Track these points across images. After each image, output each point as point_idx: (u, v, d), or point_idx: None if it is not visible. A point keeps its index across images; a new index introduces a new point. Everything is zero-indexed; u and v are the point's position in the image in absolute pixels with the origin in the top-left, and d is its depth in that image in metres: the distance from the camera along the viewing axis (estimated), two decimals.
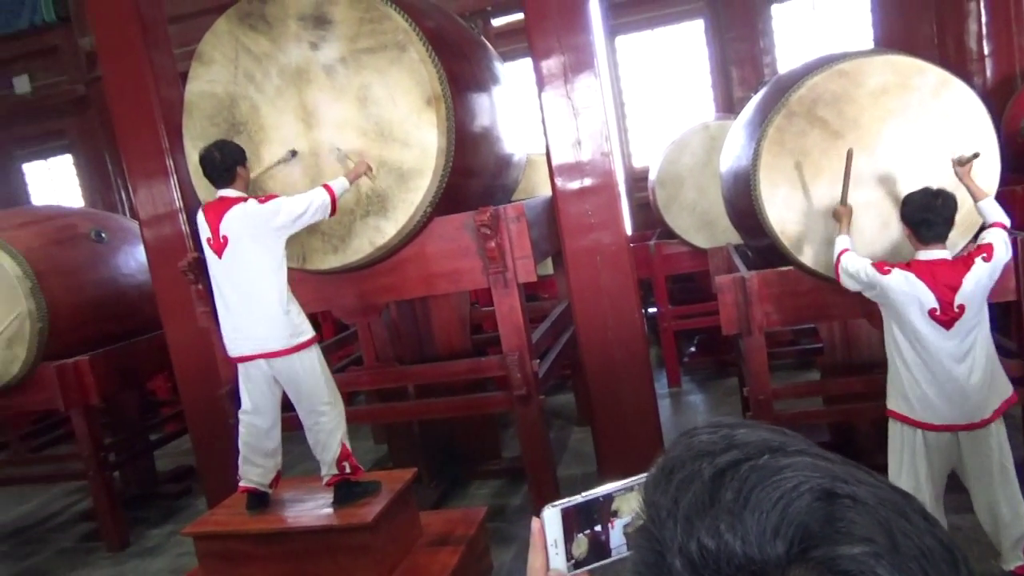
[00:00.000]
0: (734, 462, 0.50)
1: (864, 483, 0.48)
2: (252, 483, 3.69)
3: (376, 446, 6.27)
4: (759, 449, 0.52)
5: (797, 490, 0.47)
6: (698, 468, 0.51)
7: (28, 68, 10.17)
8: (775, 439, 0.53)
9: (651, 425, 4.48)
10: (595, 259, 4.32)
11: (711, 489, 0.49)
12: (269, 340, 3.44)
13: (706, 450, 0.53)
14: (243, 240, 3.40)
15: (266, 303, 3.42)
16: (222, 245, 3.43)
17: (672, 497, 0.51)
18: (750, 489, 0.48)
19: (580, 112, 4.25)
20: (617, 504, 0.71)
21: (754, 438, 0.53)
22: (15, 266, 4.98)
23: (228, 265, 3.45)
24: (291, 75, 3.98)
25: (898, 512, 0.47)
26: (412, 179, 3.89)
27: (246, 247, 3.41)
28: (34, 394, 5.21)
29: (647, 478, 0.56)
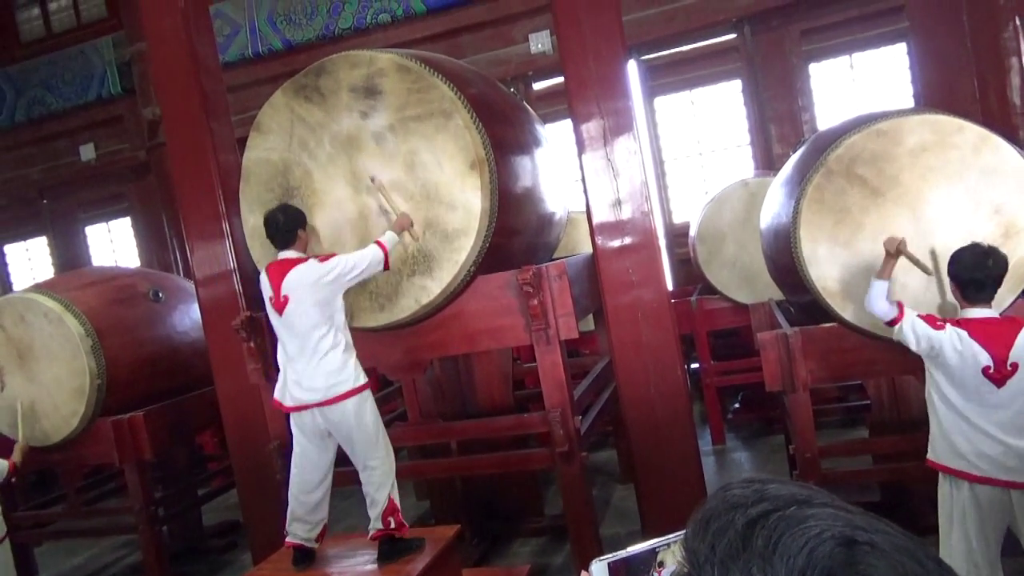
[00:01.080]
0: (764, 512, 0.56)
1: (881, 531, 0.54)
2: (299, 539, 3.74)
3: (418, 503, 6.28)
4: (787, 501, 0.57)
5: (820, 537, 0.53)
6: (732, 518, 0.57)
7: (93, 137, 10.77)
8: (802, 493, 0.59)
9: (695, 484, 4.43)
10: (636, 315, 4.36)
11: (744, 536, 0.55)
12: (324, 390, 3.55)
13: (739, 502, 0.59)
14: (303, 298, 3.56)
15: (324, 356, 3.56)
16: (283, 304, 3.60)
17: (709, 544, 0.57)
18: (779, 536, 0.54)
19: (620, 173, 4.36)
20: (663, 556, 0.76)
21: (783, 492, 0.59)
22: (78, 325, 5.21)
23: (288, 322, 3.60)
24: (342, 142, 4.18)
25: (913, 558, 0.52)
26: (457, 239, 4.02)
27: (306, 304, 3.56)
28: (90, 448, 5.37)
29: (688, 528, 0.62)
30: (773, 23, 8.43)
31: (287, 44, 9.40)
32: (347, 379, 3.60)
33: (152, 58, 5.63)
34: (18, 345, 5.24)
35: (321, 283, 3.58)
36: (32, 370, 5.24)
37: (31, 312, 5.21)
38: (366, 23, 9.04)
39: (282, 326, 3.64)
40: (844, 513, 0.56)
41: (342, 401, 3.58)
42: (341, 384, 3.58)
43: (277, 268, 3.68)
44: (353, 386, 3.61)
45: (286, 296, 3.59)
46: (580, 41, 4.37)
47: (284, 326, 3.63)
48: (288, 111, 4.27)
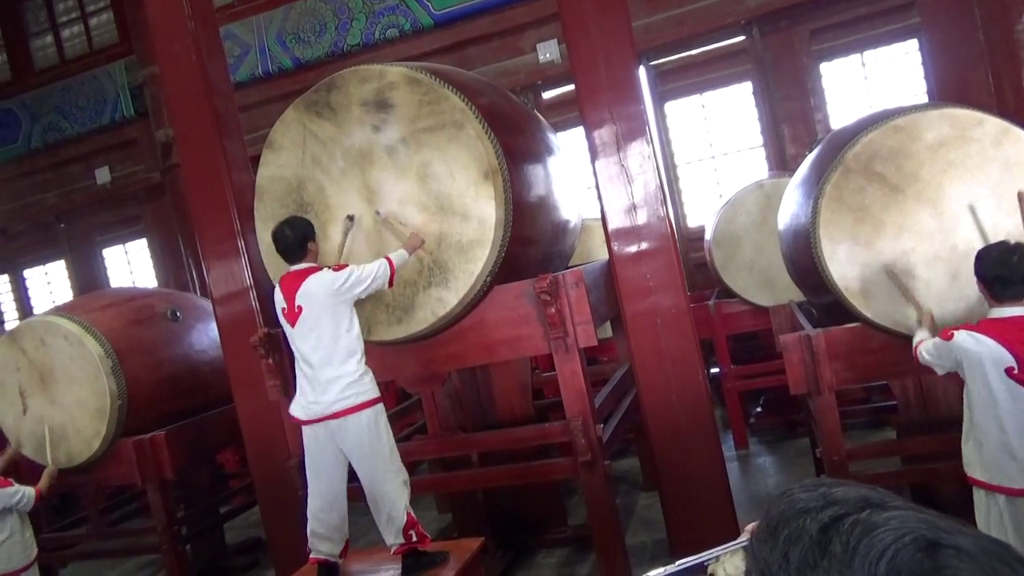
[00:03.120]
0: (837, 517, 0.54)
1: (965, 533, 0.51)
2: (322, 555, 3.72)
3: (440, 515, 6.25)
4: (859, 504, 0.55)
5: (902, 541, 0.51)
6: (803, 524, 0.55)
7: (108, 160, 10.89)
8: (872, 495, 0.57)
9: (720, 489, 4.38)
10: (655, 322, 4.32)
11: (819, 543, 0.53)
12: (336, 402, 3.54)
13: (807, 507, 0.56)
14: (316, 308, 3.57)
15: (338, 366, 3.55)
16: (296, 315, 3.60)
17: (781, 552, 0.55)
18: (856, 541, 0.52)
19: (634, 178, 4.33)
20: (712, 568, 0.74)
21: (852, 495, 0.57)
22: (98, 347, 5.23)
23: (301, 333, 3.61)
24: (355, 157, 4.18)
25: (1002, 561, 0.49)
26: (472, 250, 4.00)
27: (319, 314, 3.57)
28: (113, 469, 5.39)
29: (753, 537, 0.59)
30: (782, 23, 8.38)
31: (296, 62, 9.46)
32: (363, 391, 3.59)
33: (164, 80, 5.68)
34: (40, 368, 5.27)
35: (335, 291, 3.58)
36: (54, 392, 5.26)
37: (51, 335, 5.25)
38: (374, 39, 9.09)
39: (296, 337, 3.64)
40: (922, 515, 0.53)
41: (357, 412, 3.56)
42: (357, 395, 3.57)
43: (290, 279, 3.68)
44: (369, 398, 3.59)
45: (300, 306, 3.59)
46: (589, 47, 4.36)
47: (298, 337, 3.62)
48: (300, 127, 4.28)
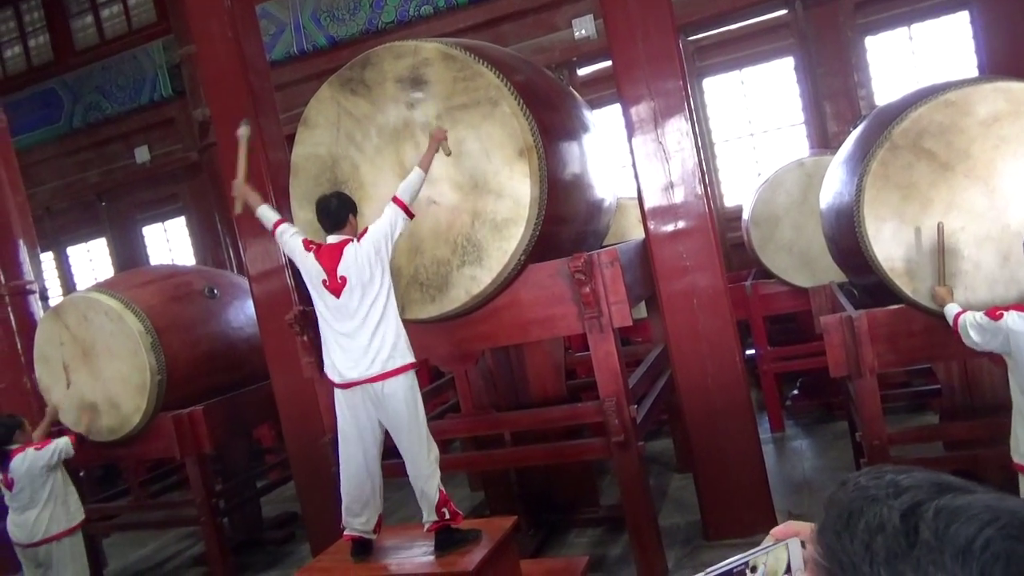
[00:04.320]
0: (916, 504, 0.52)
1: None
2: (356, 531, 3.75)
3: (472, 493, 6.28)
4: (935, 489, 0.54)
5: (993, 525, 0.49)
6: (881, 512, 0.53)
7: (147, 139, 11.04)
8: (945, 479, 0.55)
9: (756, 472, 4.32)
10: (691, 302, 4.26)
11: (905, 532, 0.52)
12: (377, 364, 3.55)
13: (879, 494, 0.54)
14: (360, 275, 3.56)
15: (380, 332, 3.56)
16: (340, 286, 3.59)
17: (862, 543, 0.53)
18: (944, 528, 0.50)
19: (672, 156, 4.25)
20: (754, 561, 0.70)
21: (921, 480, 0.55)
22: (137, 323, 5.32)
23: (345, 303, 3.59)
24: (389, 134, 4.16)
25: None
26: (506, 228, 3.97)
27: (364, 281, 3.56)
28: (153, 443, 5.50)
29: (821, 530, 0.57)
30: None
31: (331, 40, 9.46)
32: (401, 354, 3.60)
33: (200, 59, 5.72)
34: (82, 343, 5.39)
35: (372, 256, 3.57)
36: (96, 367, 5.38)
37: (93, 311, 5.35)
38: (409, 16, 9.03)
39: (340, 309, 3.62)
40: (1001, 499, 0.51)
41: (395, 376, 3.57)
42: (395, 359, 3.58)
43: (329, 251, 3.66)
44: (405, 362, 3.60)
45: (343, 277, 3.58)
46: (627, 21, 4.27)
47: (341, 307, 3.61)
48: (334, 105, 4.27)
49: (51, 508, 4.83)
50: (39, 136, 11.21)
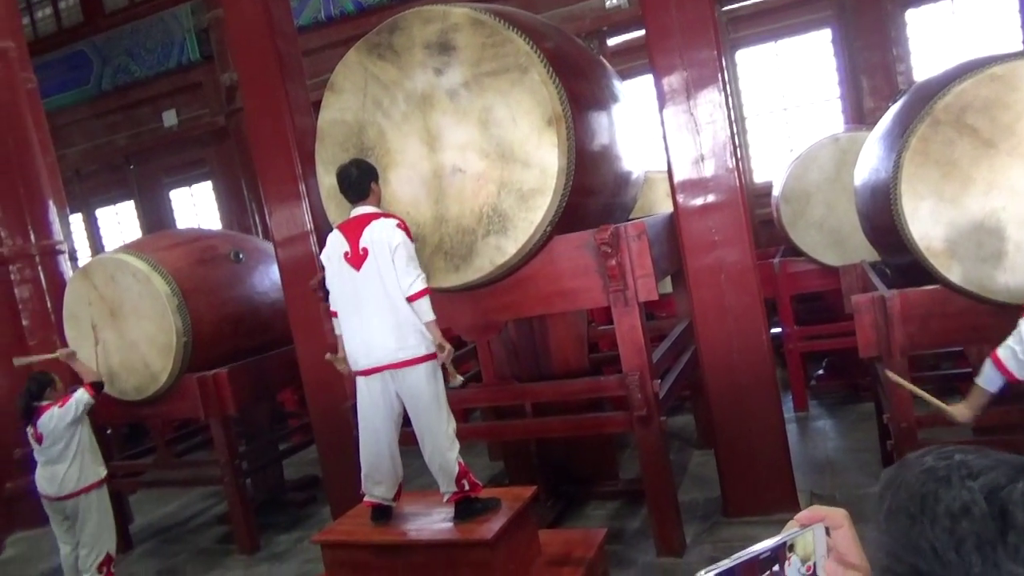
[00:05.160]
0: (996, 487, 0.49)
1: None
2: (376, 498, 3.78)
3: (491, 463, 6.31)
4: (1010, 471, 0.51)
5: None
6: (961, 496, 0.49)
7: (175, 103, 11.07)
8: (1013, 459, 0.53)
9: (779, 451, 4.28)
10: (719, 278, 4.20)
11: (994, 516, 0.49)
12: (399, 351, 3.52)
13: (951, 476, 0.51)
14: (382, 252, 3.51)
15: (401, 313, 3.51)
16: (361, 258, 3.55)
17: (944, 528, 0.50)
18: None
19: (703, 128, 4.16)
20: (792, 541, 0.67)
21: (995, 461, 0.52)
22: (164, 285, 5.37)
23: (365, 277, 3.54)
24: (416, 101, 4.11)
25: None
26: (532, 199, 3.92)
27: (385, 260, 3.51)
28: (178, 403, 5.58)
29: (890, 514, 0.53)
30: None
31: (359, 6, 9.38)
32: (423, 343, 3.56)
33: (228, 23, 5.68)
34: (110, 303, 5.45)
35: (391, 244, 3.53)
36: (123, 327, 5.44)
37: (120, 272, 5.40)
38: None
39: (358, 282, 3.57)
40: None
41: (415, 366, 3.55)
42: (417, 347, 3.55)
43: (354, 223, 3.63)
44: (427, 352, 3.57)
45: (365, 249, 3.54)
46: None
47: (361, 282, 3.56)
48: (361, 69, 4.23)
49: (79, 463, 4.94)
50: (69, 98, 11.30)
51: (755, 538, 2.39)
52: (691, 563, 4.12)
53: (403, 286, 3.51)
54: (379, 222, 3.58)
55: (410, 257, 3.54)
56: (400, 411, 3.69)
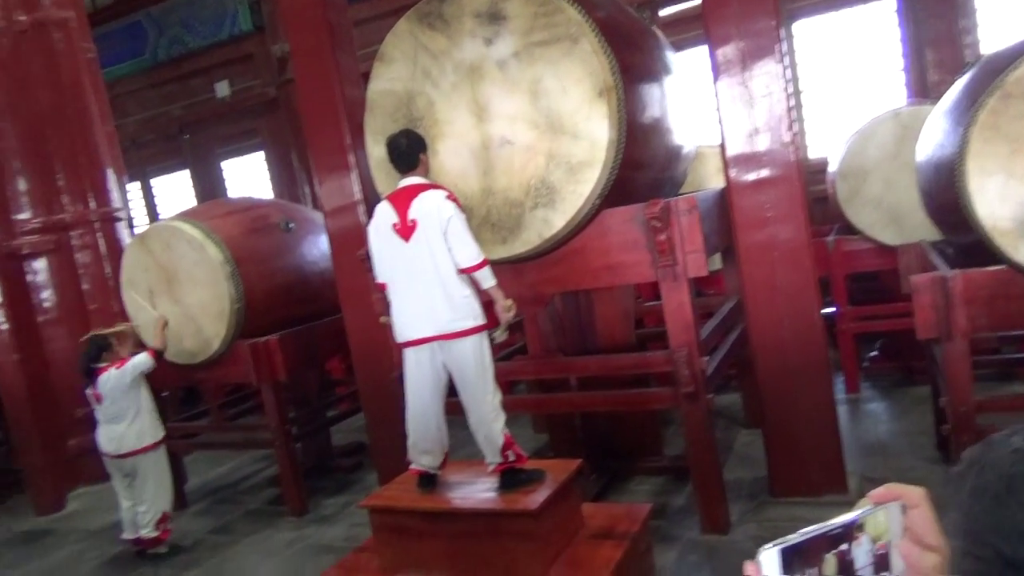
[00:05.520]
0: None
1: None
2: (422, 466, 3.84)
3: (535, 435, 6.35)
4: None
5: None
6: None
7: (228, 74, 11.21)
8: None
9: (829, 432, 4.21)
10: (771, 255, 4.11)
11: None
12: (448, 322, 3.55)
13: None
14: (432, 224, 3.52)
15: (450, 285, 3.53)
16: (410, 229, 3.56)
17: None
18: None
19: (758, 100, 4.05)
20: (863, 520, 0.65)
21: None
22: (218, 252, 5.49)
23: (414, 248, 3.55)
24: (466, 71, 4.09)
25: None
26: (581, 171, 3.88)
27: (434, 231, 3.52)
28: (231, 368, 5.73)
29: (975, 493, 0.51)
30: None
31: None
32: (472, 315, 3.58)
33: None
34: (166, 270, 5.60)
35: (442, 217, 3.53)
36: (178, 293, 5.59)
37: (176, 239, 5.54)
38: None
39: (406, 254, 3.59)
40: None
41: (464, 338, 3.57)
42: (465, 320, 3.56)
43: (402, 194, 3.64)
44: (475, 324, 3.59)
45: (414, 220, 3.55)
46: None
47: (409, 253, 3.58)
48: (411, 39, 4.21)
49: (137, 424, 5.14)
50: (126, 68, 11.54)
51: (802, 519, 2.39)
52: (736, 541, 4.10)
53: (461, 258, 3.53)
54: (428, 193, 3.58)
55: (465, 228, 3.55)
56: (447, 381, 3.72)
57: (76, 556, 5.67)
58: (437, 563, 3.66)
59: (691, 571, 3.92)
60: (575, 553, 3.61)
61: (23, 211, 6.71)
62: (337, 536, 5.19)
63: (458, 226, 3.54)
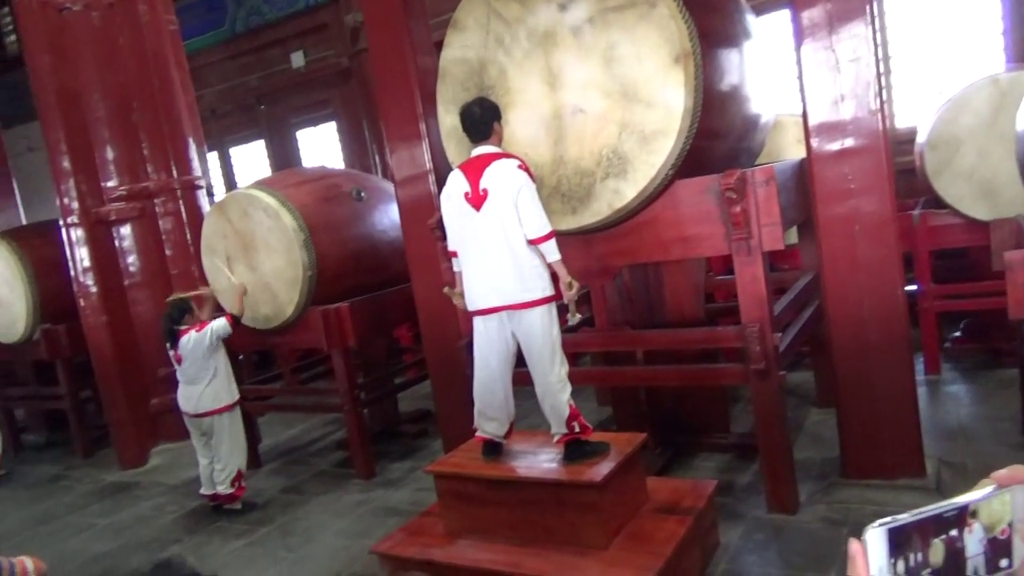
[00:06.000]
0: None
1: None
2: (488, 434, 3.87)
3: (599, 408, 6.33)
4: None
5: None
6: None
7: (303, 45, 11.38)
8: None
9: (908, 414, 4.05)
10: (853, 228, 3.94)
11: None
12: (518, 292, 3.55)
13: None
14: (503, 193, 3.51)
15: (521, 255, 3.53)
16: (482, 198, 3.56)
17: None
18: None
19: (845, 65, 3.86)
20: (976, 507, 0.61)
21: None
22: (292, 220, 5.61)
23: (485, 218, 3.56)
24: (539, 38, 4.03)
25: None
26: (655, 141, 3.78)
27: (506, 201, 3.52)
28: (303, 334, 5.89)
29: None
30: None
31: None
32: (541, 285, 3.57)
33: None
34: (243, 236, 5.76)
35: (513, 186, 3.51)
36: (254, 260, 5.76)
37: (253, 206, 5.68)
38: None
39: (478, 223, 3.60)
40: None
41: (533, 308, 3.57)
42: (535, 290, 3.56)
43: (474, 163, 3.64)
44: (544, 294, 3.58)
45: (485, 190, 3.55)
46: None
47: (481, 223, 3.58)
48: (484, 6, 4.17)
49: (214, 385, 5.35)
50: (205, 40, 11.84)
51: (875, 501, 2.31)
52: (804, 521, 4.00)
53: (529, 228, 3.51)
54: (500, 163, 3.57)
55: (534, 199, 3.53)
56: (515, 351, 3.73)
57: (158, 508, 5.97)
58: (500, 530, 3.70)
59: (757, 549, 3.85)
60: (639, 526, 3.60)
61: (111, 179, 6.99)
62: (403, 500, 5.31)
63: (528, 196, 3.52)
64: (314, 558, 4.58)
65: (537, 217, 3.53)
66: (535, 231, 3.53)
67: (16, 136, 12.32)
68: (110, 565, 4.96)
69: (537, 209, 3.54)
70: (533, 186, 3.57)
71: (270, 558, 4.68)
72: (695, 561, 3.62)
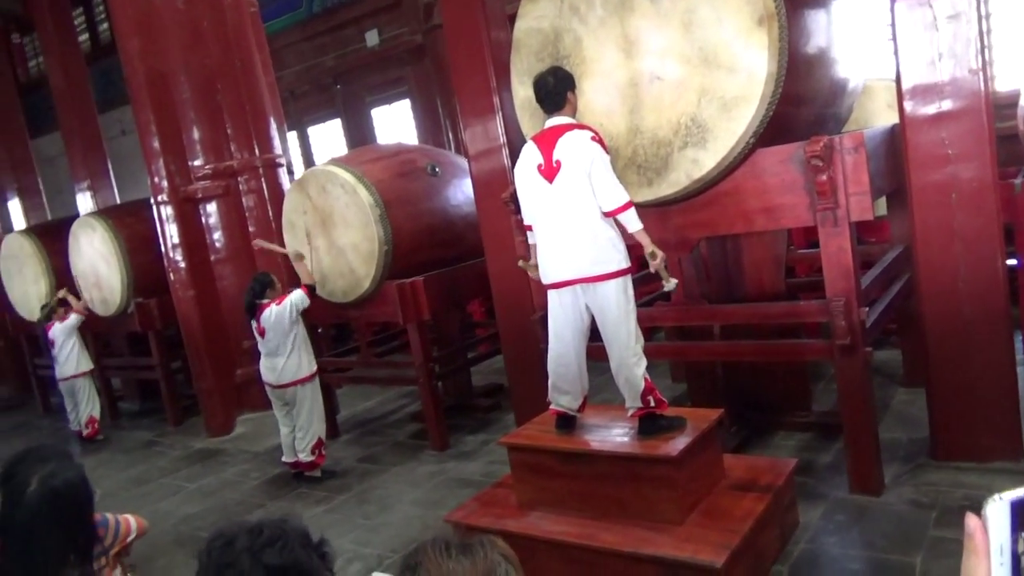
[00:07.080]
0: None
1: None
2: (561, 407, 3.86)
3: (673, 384, 6.24)
4: None
5: None
6: None
7: (377, 23, 11.50)
8: None
9: (1006, 393, 3.83)
10: (949, 197, 3.73)
11: None
12: (592, 265, 3.50)
13: None
14: (576, 165, 3.47)
15: (594, 227, 3.48)
16: (555, 170, 3.52)
17: None
18: None
19: (943, 23, 3.63)
20: None
21: None
22: (368, 195, 5.70)
23: (559, 189, 3.51)
24: (615, 4, 3.93)
25: None
26: (736, 108, 3.65)
27: (579, 173, 3.47)
28: (379, 307, 6.00)
29: None
30: None
31: None
32: (615, 258, 3.51)
33: None
34: (321, 212, 5.89)
35: (586, 158, 3.46)
36: (332, 235, 5.88)
37: (331, 183, 5.80)
38: None
39: (550, 195, 3.55)
40: None
41: (607, 281, 3.52)
42: (609, 263, 3.50)
43: (548, 134, 3.59)
44: (619, 267, 3.52)
45: (558, 161, 3.50)
46: None
47: (553, 194, 3.54)
48: None
49: (294, 357, 5.51)
50: (283, 22, 12.10)
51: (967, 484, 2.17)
52: (889, 503, 3.85)
53: (605, 200, 3.46)
54: (573, 134, 3.51)
55: (608, 170, 3.47)
56: (589, 324, 3.70)
57: (242, 474, 6.22)
58: (573, 503, 3.70)
59: (838, 530, 3.73)
60: (715, 502, 3.54)
61: (197, 158, 7.25)
62: (476, 471, 5.37)
63: (602, 167, 3.46)
64: (390, 525, 4.69)
65: (613, 188, 3.47)
66: (612, 202, 3.47)
67: (111, 120, 12.93)
68: (198, 525, 5.21)
69: (612, 180, 3.48)
70: (607, 157, 3.50)
71: (348, 524, 4.81)
72: (773, 539, 3.54)
